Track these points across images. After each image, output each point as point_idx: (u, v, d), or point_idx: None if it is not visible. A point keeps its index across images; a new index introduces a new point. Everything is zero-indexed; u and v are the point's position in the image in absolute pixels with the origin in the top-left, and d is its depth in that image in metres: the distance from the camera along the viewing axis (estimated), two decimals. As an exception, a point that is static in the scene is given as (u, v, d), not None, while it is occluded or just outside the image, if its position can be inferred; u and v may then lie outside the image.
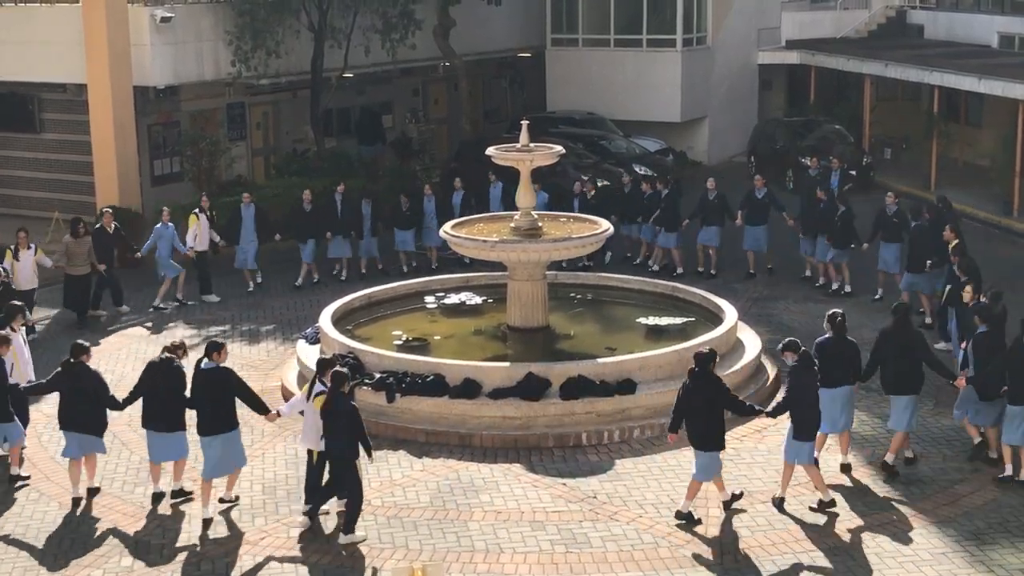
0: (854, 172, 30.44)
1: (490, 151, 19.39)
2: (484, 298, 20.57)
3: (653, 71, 36.57)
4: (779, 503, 14.00)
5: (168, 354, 14.29)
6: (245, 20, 28.51)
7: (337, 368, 13.75)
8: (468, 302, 20.45)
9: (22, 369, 15.89)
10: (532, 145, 19.42)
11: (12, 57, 28.51)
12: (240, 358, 19.77)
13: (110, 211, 23.41)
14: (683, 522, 13.61)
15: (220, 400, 13.88)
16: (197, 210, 23.23)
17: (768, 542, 13.18)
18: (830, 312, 15.25)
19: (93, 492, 14.61)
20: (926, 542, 13.12)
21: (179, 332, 21.23)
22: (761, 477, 14.84)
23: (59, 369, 14.60)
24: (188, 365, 14.50)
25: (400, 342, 18.43)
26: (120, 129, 27.02)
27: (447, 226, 19.55)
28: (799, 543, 13.15)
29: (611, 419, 16.15)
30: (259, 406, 14.26)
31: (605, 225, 19.48)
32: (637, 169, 32.02)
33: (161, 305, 22.65)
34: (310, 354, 18.12)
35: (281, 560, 12.96)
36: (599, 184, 26.80)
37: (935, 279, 20.16)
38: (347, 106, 35.07)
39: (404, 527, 13.64)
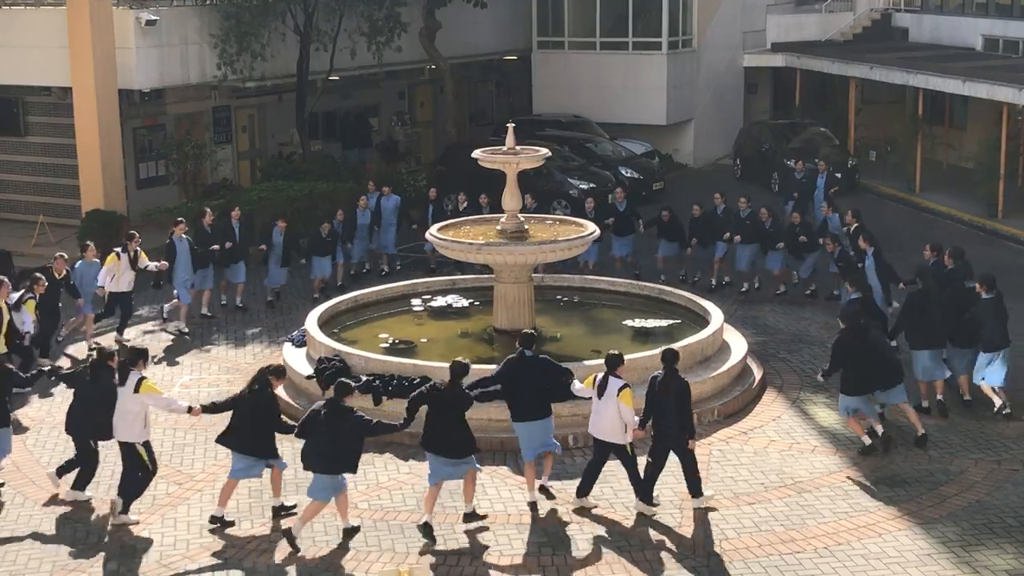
0: (840, 175, 30.50)
1: (477, 154, 19.41)
2: (470, 301, 20.57)
3: (639, 74, 36.63)
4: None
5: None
6: (230, 23, 28.46)
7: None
8: (454, 305, 20.45)
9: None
10: (518, 148, 19.44)
11: (-3, 60, 28.46)
12: (226, 361, 19.76)
13: (63, 256, 20.74)
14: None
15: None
16: (119, 249, 20.72)
17: (754, 543, 13.20)
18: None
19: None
20: (912, 543, 13.16)
21: (164, 337, 21.22)
22: (747, 479, 14.87)
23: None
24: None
25: (386, 345, 18.42)
26: (105, 132, 26.95)
27: (433, 228, 19.56)
28: (785, 544, 13.17)
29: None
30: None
31: (591, 227, 19.51)
32: (623, 171, 32.14)
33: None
34: (296, 357, 18.11)
35: (268, 563, 12.92)
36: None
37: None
38: (333, 109, 35.05)
39: (391, 530, 13.62)
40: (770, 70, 39.83)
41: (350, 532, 13.51)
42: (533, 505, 14.13)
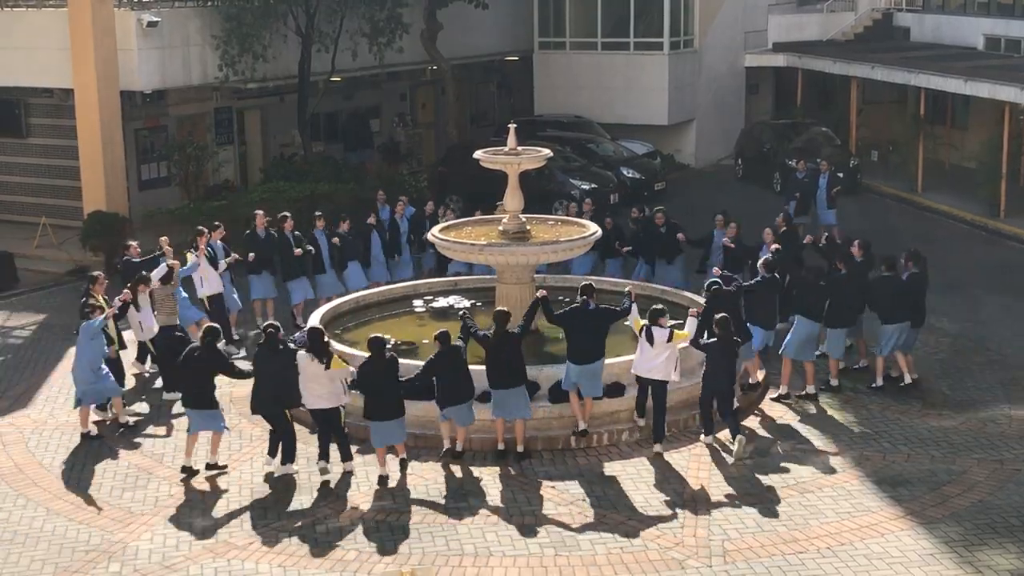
0: (841, 175, 30.48)
1: (478, 155, 19.42)
2: (472, 301, 20.55)
3: (640, 74, 36.62)
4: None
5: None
6: (232, 24, 28.45)
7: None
8: (456, 305, 20.43)
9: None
10: (520, 149, 19.44)
11: (-2, 62, 28.47)
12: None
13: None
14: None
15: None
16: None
17: (757, 544, 13.20)
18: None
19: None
20: (915, 543, 13.15)
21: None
22: (749, 479, 14.87)
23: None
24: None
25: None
26: (107, 134, 26.92)
27: (435, 229, 19.56)
28: (787, 545, 13.17)
29: (599, 422, 16.16)
30: None
31: (593, 228, 19.51)
32: (624, 172, 32.12)
33: None
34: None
35: (270, 565, 12.93)
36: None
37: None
38: (335, 110, 35.04)
39: (393, 531, 13.62)
40: (772, 70, 39.83)
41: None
42: (583, 432, 15.88)
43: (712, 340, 15.77)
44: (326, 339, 15.22)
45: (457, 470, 15.20)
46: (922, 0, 40.78)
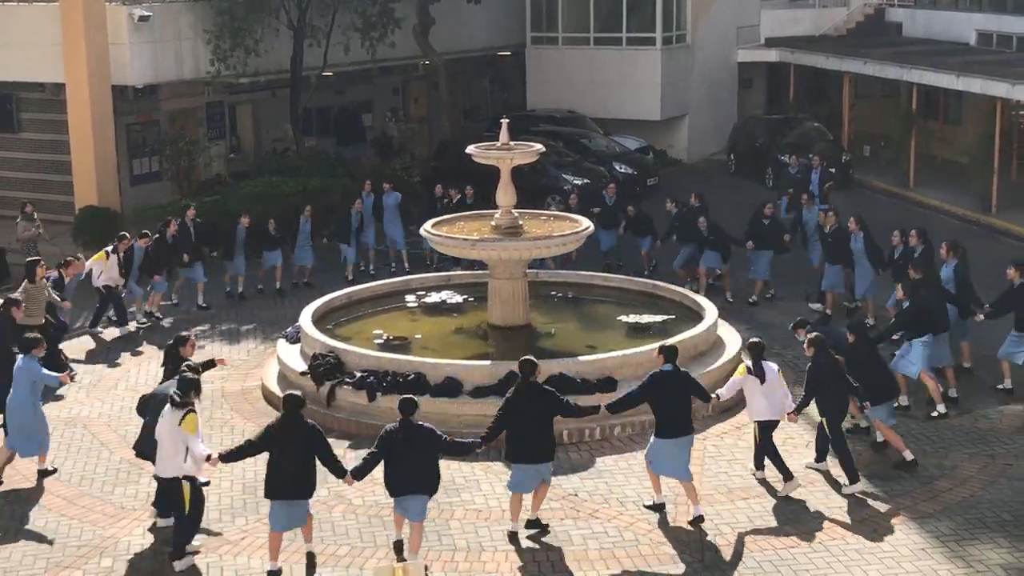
0: (834, 170, 30.51)
1: (471, 149, 19.41)
2: (465, 296, 20.57)
3: (633, 69, 36.62)
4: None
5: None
6: (224, 19, 28.42)
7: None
8: (449, 301, 20.44)
9: None
10: (512, 144, 19.44)
11: (-10, 57, 28.41)
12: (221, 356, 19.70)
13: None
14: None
15: None
16: (108, 249, 21.23)
17: (748, 539, 13.21)
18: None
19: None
20: (906, 538, 13.17)
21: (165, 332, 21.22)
22: (742, 474, 14.88)
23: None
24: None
25: (381, 341, 18.41)
26: (98, 129, 26.90)
27: (427, 224, 19.55)
28: (780, 540, 13.18)
29: (592, 417, 16.12)
30: None
31: (585, 223, 19.51)
32: (617, 167, 32.13)
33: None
34: (291, 354, 18.10)
35: (262, 560, 12.91)
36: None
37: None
38: (327, 105, 35.00)
39: (385, 526, 13.60)
40: (764, 65, 39.86)
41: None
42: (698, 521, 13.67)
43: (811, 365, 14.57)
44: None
45: (449, 465, 15.16)
46: (914, -5, 40.89)
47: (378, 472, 14.87)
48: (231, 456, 12.68)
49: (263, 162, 31.10)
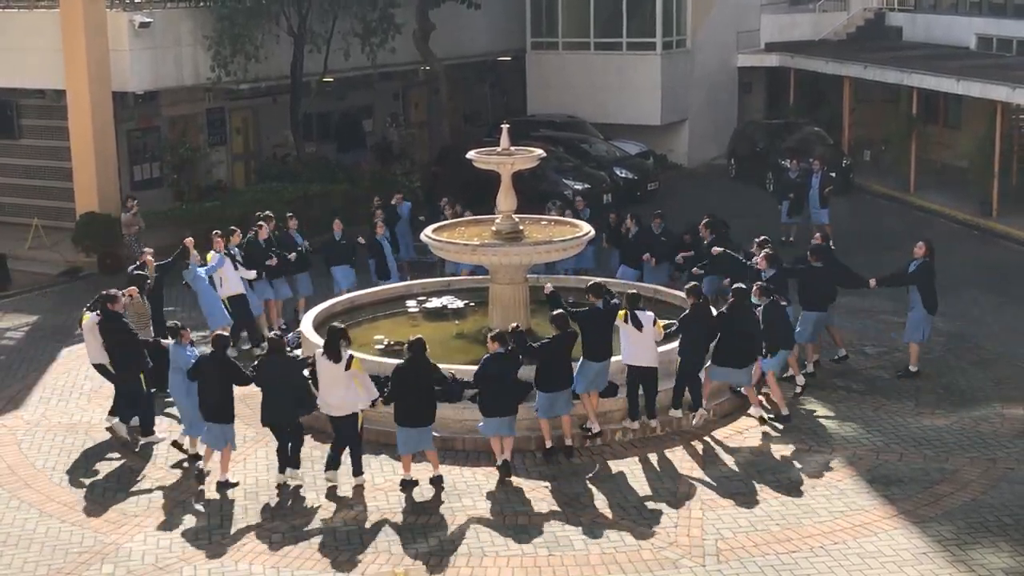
0: (834, 174, 30.53)
1: (471, 155, 19.41)
2: (466, 301, 20.55)
3: (633, 74, 36.64)
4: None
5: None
6: (224, 25, 28.43)
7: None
8: (450, 306, 20.43)
9: None
10: (512, 149, 19.44)
11: (-9, 63, 28.42)
12: (221, 363, 19.70)
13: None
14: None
15: None
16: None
17: (750, 543, 13.20)
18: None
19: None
20: (907, 542, 13.17)
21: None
22: (743, 478, 14.87)
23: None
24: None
25: (382, 346, 18.40)
26: (99, 135, 26.91)
27: (428, 230, 19.55)
28: (781, 544, 13.18)
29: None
30: None
31: (586, 228, 19.52)
32: (617, 172, 32.13)
33: None
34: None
35: (263, 566, 12.92)
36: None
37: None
38: (327, 111, 35.02)
39: (386, 531, 13.62)
40: (764, 70, 39.87)
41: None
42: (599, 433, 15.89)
43: (686, 313, 16.45)
44: (342, 340, 14.86)
45: (450, 470, 15.18)
46: (914, 0, 40.83)
47: (379, 479, 14.95)
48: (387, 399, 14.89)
49: (264, 168, 31.10)
